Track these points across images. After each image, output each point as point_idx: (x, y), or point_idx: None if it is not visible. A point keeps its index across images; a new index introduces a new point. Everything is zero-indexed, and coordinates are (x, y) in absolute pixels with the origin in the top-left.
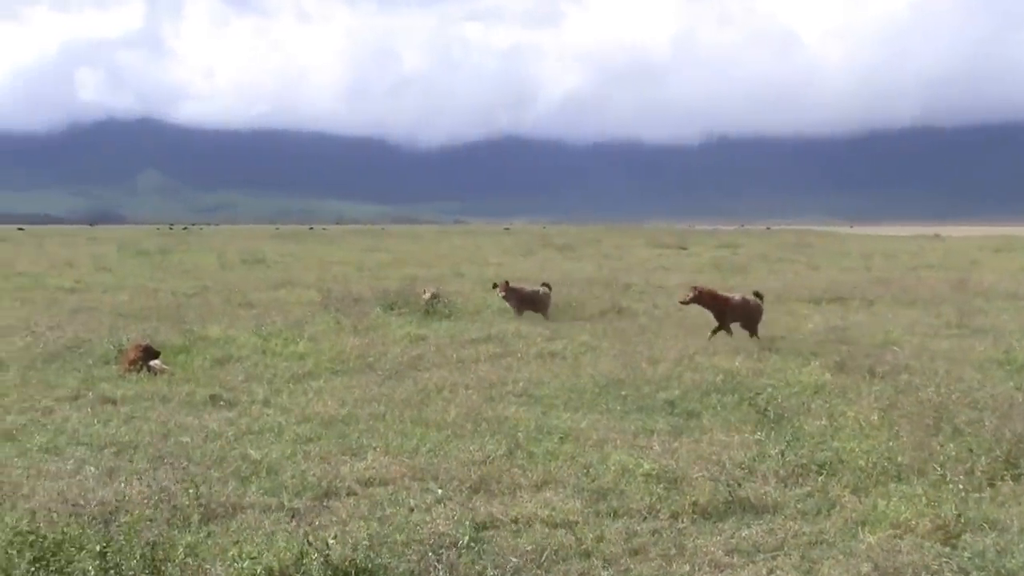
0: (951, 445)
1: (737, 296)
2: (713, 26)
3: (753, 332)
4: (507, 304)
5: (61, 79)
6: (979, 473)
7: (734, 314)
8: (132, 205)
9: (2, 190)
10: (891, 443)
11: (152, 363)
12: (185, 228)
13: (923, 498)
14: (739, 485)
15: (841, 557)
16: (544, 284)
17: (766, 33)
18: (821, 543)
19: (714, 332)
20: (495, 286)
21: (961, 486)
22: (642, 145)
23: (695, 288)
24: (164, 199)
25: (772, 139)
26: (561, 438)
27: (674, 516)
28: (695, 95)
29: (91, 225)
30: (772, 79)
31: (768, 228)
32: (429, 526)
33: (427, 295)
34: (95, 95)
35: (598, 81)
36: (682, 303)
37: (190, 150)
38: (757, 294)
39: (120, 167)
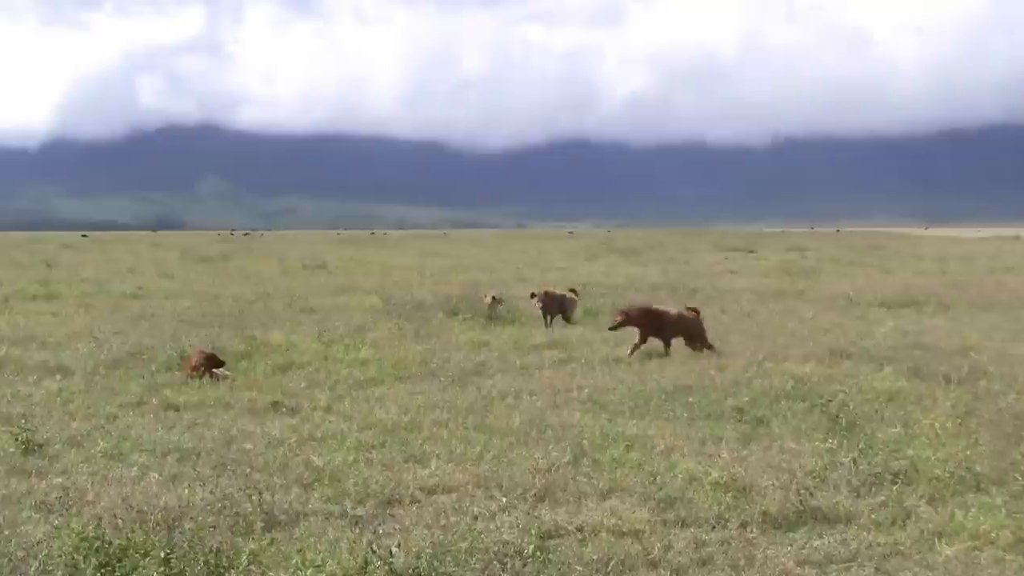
0: None
1: (673, 311)
2: (781, 23)
3: (705, 345)
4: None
5: (123, 85)
6: None
7: (674, 328)
8: (193, 211)
9: (66, 197)
10: (969, 452)
11: (215, 370)
12: (246, 234)
13: (1003, 509)
14: (810, 494)
15: (917, 569)
16: (571, 290)
17: (837, 30)
18: (896, 554)
19: (634, 348)
20: (533, 295)
21: None
22: (708, 147)
23: (622, 312)
24: (225, 205)
25: (843, 139)
26: (627, 446)
27: (743, 526)
28: (763, 95)
29: (153, 231)
30: (843, 77)
31: (838, 230)
32: (493, 534)
33: (488, 299)
34: (156, 101)
35: (662, 82)
36: (611, 329)
37: (251, 155)
38: (692, 309)
39: (181, 173)
